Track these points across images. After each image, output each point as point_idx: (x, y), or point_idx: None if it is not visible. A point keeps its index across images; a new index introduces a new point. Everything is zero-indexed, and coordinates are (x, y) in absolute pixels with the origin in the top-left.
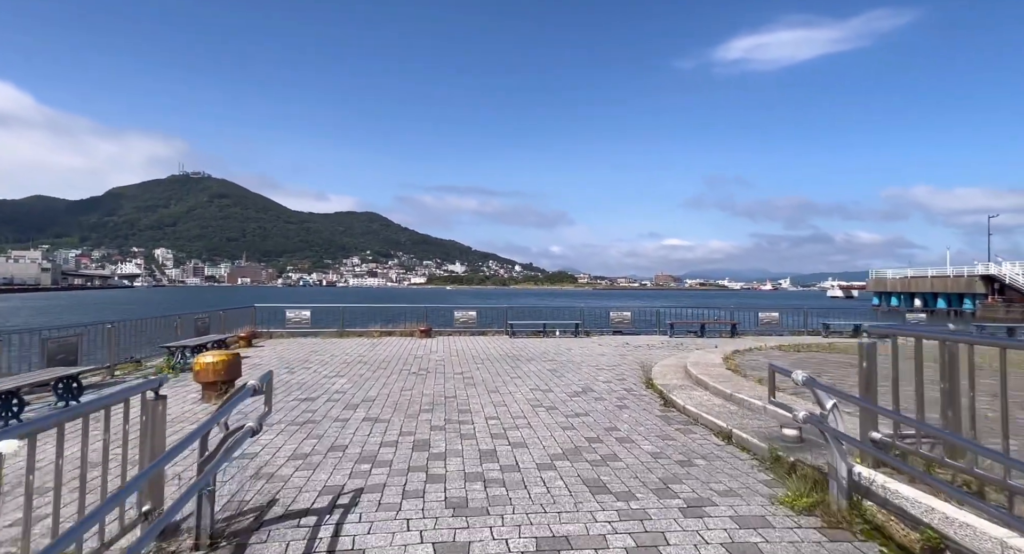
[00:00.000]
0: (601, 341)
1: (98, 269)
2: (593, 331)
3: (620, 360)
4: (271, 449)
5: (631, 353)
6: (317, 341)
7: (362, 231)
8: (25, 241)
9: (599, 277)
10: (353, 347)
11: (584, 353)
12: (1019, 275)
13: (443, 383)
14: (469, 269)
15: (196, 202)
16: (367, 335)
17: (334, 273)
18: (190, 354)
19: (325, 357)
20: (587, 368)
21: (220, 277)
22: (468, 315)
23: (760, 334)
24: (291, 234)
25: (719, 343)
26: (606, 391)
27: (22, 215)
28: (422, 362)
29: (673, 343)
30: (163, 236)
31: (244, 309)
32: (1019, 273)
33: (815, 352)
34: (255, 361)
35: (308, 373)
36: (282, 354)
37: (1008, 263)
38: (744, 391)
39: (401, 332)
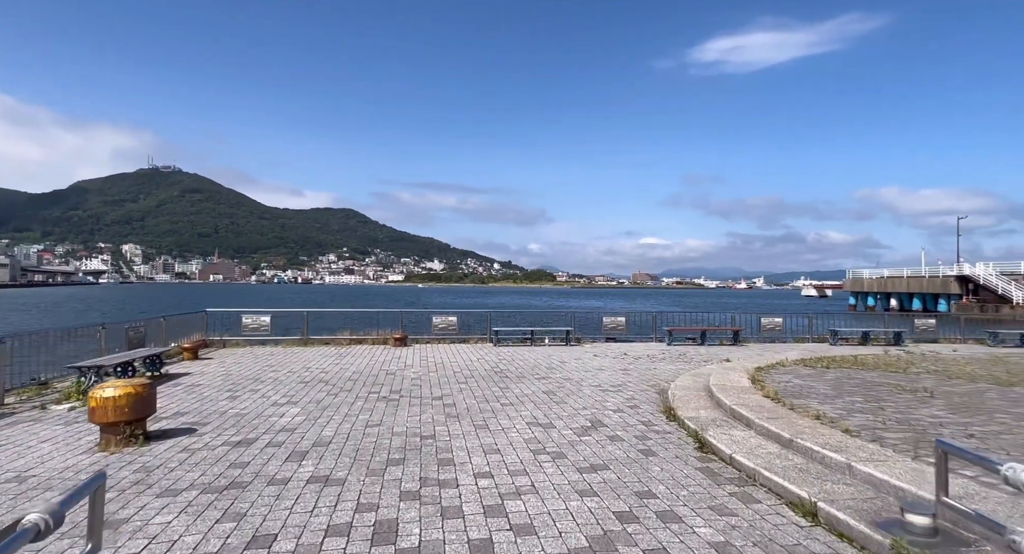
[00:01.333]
0: (595, 350)
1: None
2: (584, 338)
3: (624, 377)
4: (159, 545)
5: (634, 367)
6: (277, 351)
7: (339, 228)
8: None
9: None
10: (316, 359)
11: (581, 367)
12: (993, 276)
13: (419, 413)
14: (448, 267)
15: (166, 196)
16: (335, 343)
17: (310, 270)
18: (118, 373)
19: (281, 373)
20: (589, 389)
21: (191, 274)
22: (448, 321)
23: (763, 341)
24: (265, 230)
25: (730, 355)
26: (620, 425)
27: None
28: (395, 381)
29: (675, 353)
30: (131, 231)
31: (194, 315)
32: (993, 274)
33: (847, 368)
34: (194, 381)
35: (254, 399)
36: (230, 370)
37: (982, 264)
38: (805, 435)
39: (373, 340)
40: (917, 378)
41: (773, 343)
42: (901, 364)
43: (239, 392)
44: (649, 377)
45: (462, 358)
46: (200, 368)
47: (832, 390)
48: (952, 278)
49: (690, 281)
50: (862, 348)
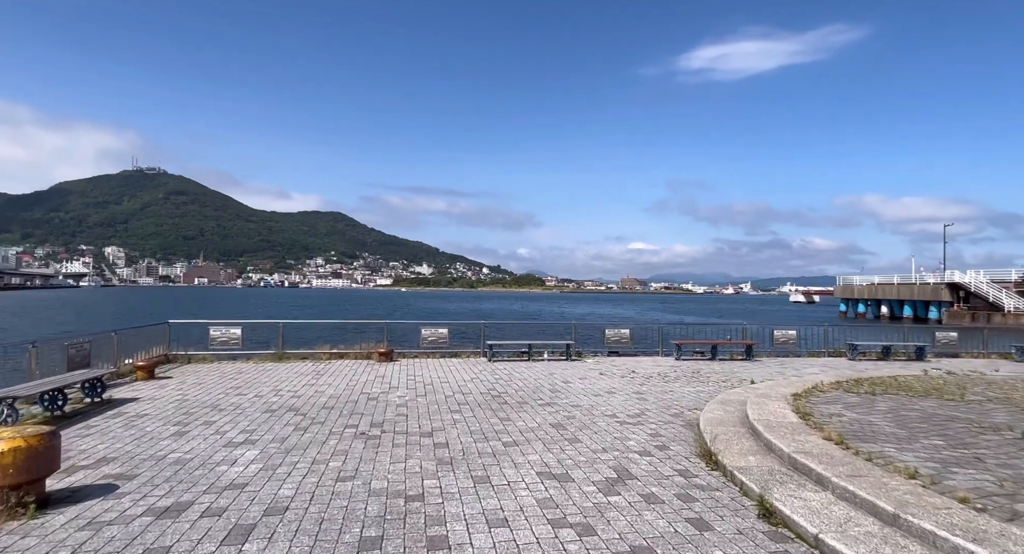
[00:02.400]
0: (600, 367)
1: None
2: (586, 351)
3: (640, 403)
4: None
5: (647, 389)
6: (247, 368)
7: (327, 231)
8: None
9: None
10: (289, 378)
11: (588, 389)
12: (984, 283)
13: (404, 457)
14: (436, 271)
15: (151, 199)
16: (313, 358)
17: (297, 274)
18: (45, 404)
19: (246, 398)
20: (603, 420)
21: (176, 277)
22: (438, 333)
23: (777, 355)
24: (252, 233)
25: (748, 372)
26: (653, 476)
27: None
28: (377, 409)
29: (687, 370)
30: (114, 234)
31: (155, 327)
32: (984, 281)
33: (895, 394)
34: (140, 410)
35: (205, 435)
36: (187, 394)
37: (973, 271)
38: (912, 507)
39: (356, 354)
40: (984, 409)
41: (787, 358)
42: (951, 388)
43: (190, 426)
44: (668, 403)
45: (454, 377)
46: (153, 391)
47: (899, 428)
48: (943, 286)
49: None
50: (884, 364)
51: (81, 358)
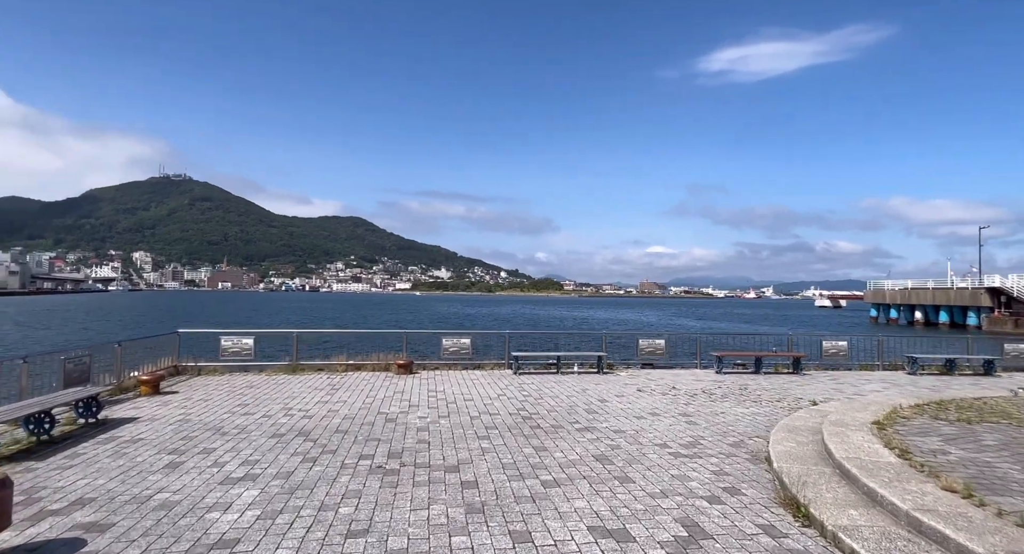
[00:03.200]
0: (635, 381)
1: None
2: (617, 363)
3: (690, 428)
4: None
5: (695, 410)
6: (258, 381)
7: (347, 236)
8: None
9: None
10: (302, 394)
11: (628, 410)
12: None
13: (426, 504)
14: (455, 275)
15: (177, 205)
16: (328, 369)
17: (318, 278)
18: (29, 428)
19: (253, 418)
20: (653, 451)
21: (200, 281)
22: (460, 343)
23: (825, 368)
24: (274, 238)
25: (804, 390)
26: (732, 536)
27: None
28: (395, 433)
29: (732, 386)
30: (142, 239)
31: (165, 337)
32: None
33: (994, 422)
34: (135, 433)
35: (201, 469)
36: (191, 412)
37: (1015, 275)
38: None
39: (373, 366)
40: None
41: (838, 371)
42: None
43: (186, 454)
44: (724, 428)
45: (479, 394)
46: (154, 410)
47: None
48: (983, 290)
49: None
50: (952, 380)
51: (80, 373)
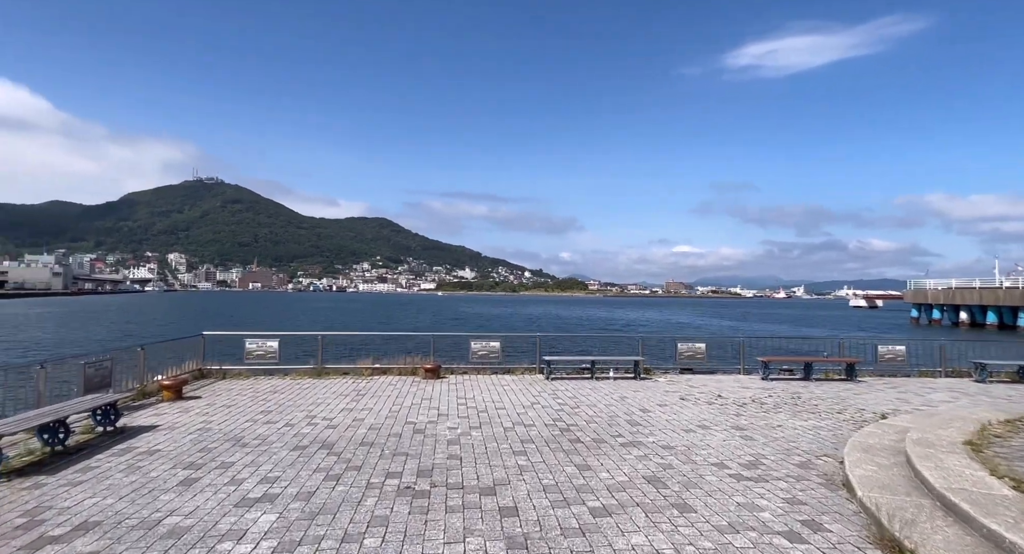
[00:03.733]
0: (676, 388)
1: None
2: (654, 368)
3: (747, 444)
4: None
5: (747, 422)
6: (283, 385)
7: (372, 237)
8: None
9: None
10: (327, 400)
11: (674, 420)
12: None
13: (461, 536)
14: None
15: (209, 207)
16: (354, 373)
17: (344, 279)
18: (44, 438)
19: (275, 427)
20: (711, 472)
21: (231, 282)
22: (489, 347)
23: (881, 374)
24: (302, 239)
25: (863, 399)
26: None
27: (39, 220)
28: (424, 446)
29: (783, 394)
30: (176, 241)
31: (189, 340)
32: None
33: None
34: (152, 444)
35: (217, 486)
36: (212, 420)
37: None
38: None
39: (400, 370)
40: None
41: (896, 378)
42: None
43: (202, 469)
44: (785, 445)
45: (511, 401)
46: (175, 417)
47: None
48: None
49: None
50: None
51: (101, 379)
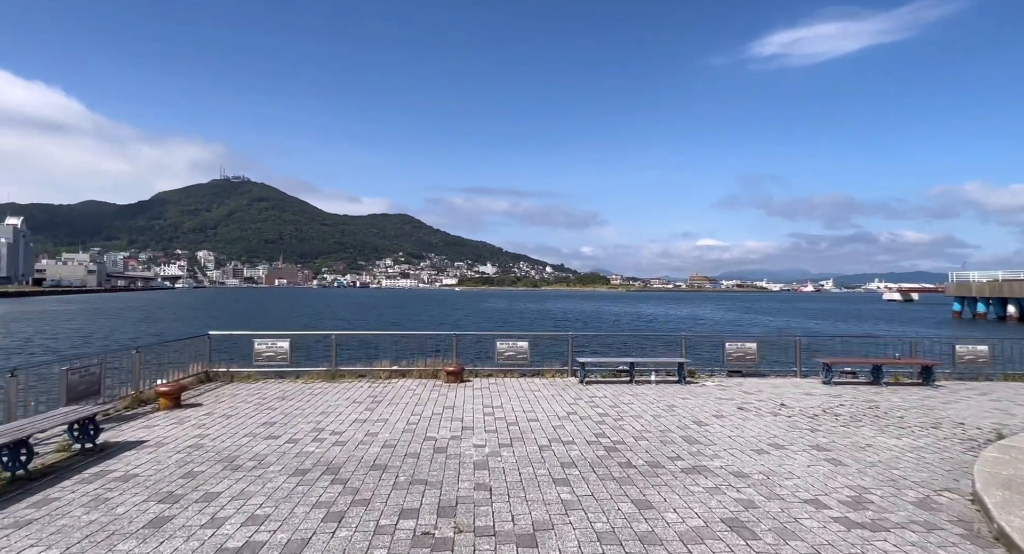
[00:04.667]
0: (728, 394)
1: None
2: (698, 370)
3: (837, 470)
4: None
5: (828, 439)
6: (292, 390)
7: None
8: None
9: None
10: (337, 408)
11: (738, 438)
12: None
13: None
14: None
15: (236, 205)
16: (371, 376)
17: (367, 274)
18: (3, 463)
19: (275, 446)
20: (804, 511)
21: (258, 278)
22: (517, 347)
23: (959, 378)
24: (326, 236)
25: (968, 413)
26: None
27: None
28: (447, 472)
29: (857, 403)
30: (205, 239)
31: (193, 340)
32: None
33: None
34: (132, 466)
35: (191, 529)
36: (206, 435)
37: None
38: None
39: (420, 372)
40: None
41: (977, 382)
42: None
43: (179, 504)
44: (886, 472)
45: (544, 410)
46: (166, 430)
47: None
48: None
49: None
50: None
51: (87, 386)
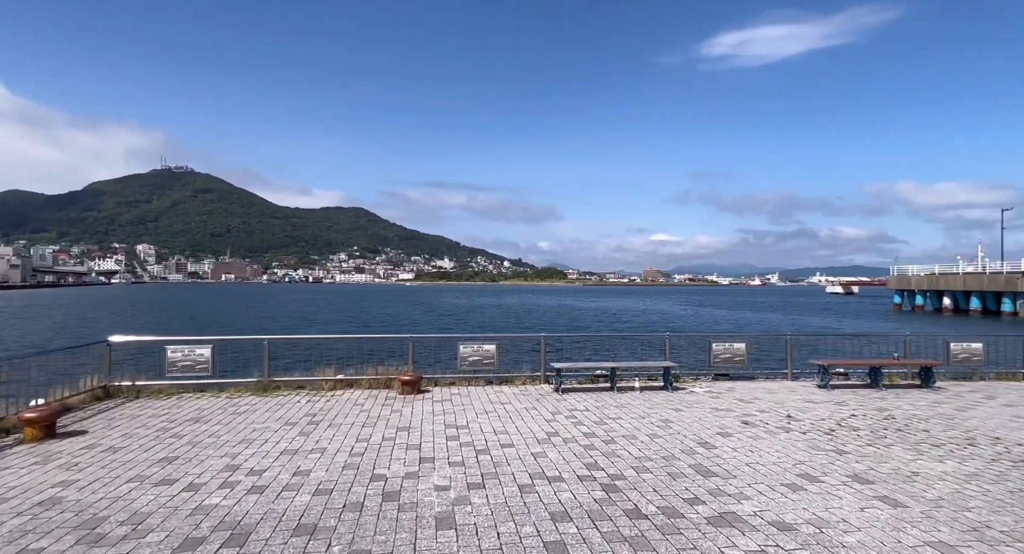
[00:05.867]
0: (723, 403)
1: (76, 266)
2: (682, 373)
3: (899, 515)
4: None
5: (861, 464)
6: (213, 407)
7: (349, 226)
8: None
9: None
10: (264, 434)
11: (759, 466)
12: None
13: None
14: (458, 265)
15: (179, 197)
16: (311, 388)
17: (321, 269)
18: None
19: (165, 497)
20: None
21: (204, 273)
22: (483, 351)
23: (956, 378)
24: (276, 229)
25: (984, 423)
26: None
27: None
28: (398, 531)
29: (868, 411)
30: (145, 232)
31: (91, 347)
32: None
33: None
34: None
35: None
36: (72, 482)
37: None
38: None
39: (370, 382)
40: None
41: (972, 381)
42: None
43: None
44: (956, 514)
45: (518, 430)
46: (16, 477)
47: None
48: (1019, 275)
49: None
50: None
51: None
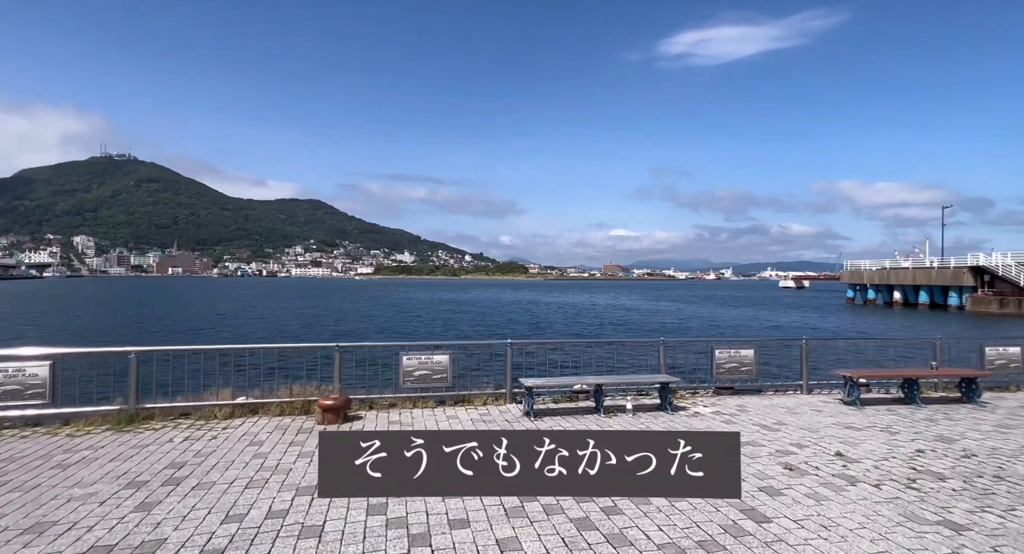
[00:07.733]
0: (742, 427)
1: (3, 258)
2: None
3: None
4: None
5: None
6: (34, 454)
7: (306, 219)
8: None
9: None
10: (80, 509)
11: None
12: (1012, 266)
13: None
14: (418, 259)
15: (121, 186)
16: (198, 416)
17: (275, 263)
18: None
19: None
20: None
21: (148, 267)
22: (433, 363)
23: (990, 388)
24: (228, 221)
25: None
26: None
27: None
28: None
29: (925, 441)
30: (83, 222)
31: None
32: (1012, 264)
33: None
34: None
35: None
36: None
37: (999, 254)
38: None
39: (281, 407)
40: None
41: (1010, 392)
42: None
43: None
44: None
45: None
46: None
47: None
48: (965, 269)
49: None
50: None
51: None
